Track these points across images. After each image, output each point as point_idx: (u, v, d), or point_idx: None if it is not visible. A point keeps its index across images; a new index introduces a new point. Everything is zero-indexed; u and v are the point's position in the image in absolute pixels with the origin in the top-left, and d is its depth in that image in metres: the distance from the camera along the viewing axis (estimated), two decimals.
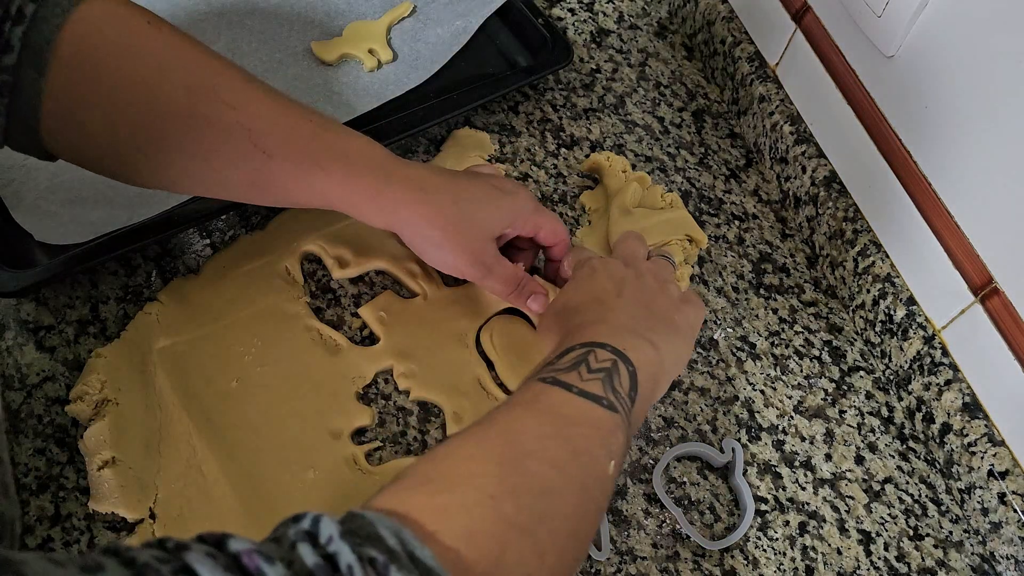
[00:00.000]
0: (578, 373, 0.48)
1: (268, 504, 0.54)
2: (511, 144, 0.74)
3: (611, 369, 0.49)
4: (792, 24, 0.74)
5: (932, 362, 0.64)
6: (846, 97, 0.70)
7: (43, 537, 0.52)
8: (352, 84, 0.71)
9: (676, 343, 0.55)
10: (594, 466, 0.46)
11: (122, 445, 0.54)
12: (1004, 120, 0.57)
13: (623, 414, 0.48)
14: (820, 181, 0.72)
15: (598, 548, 0.57)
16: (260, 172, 0.53)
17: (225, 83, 0.52)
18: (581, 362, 0.49)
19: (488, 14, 0.76)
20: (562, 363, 0.49)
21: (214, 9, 0.72)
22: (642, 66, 0.82)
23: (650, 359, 0.51)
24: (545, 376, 0.49)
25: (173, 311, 0.60)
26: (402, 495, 0.40)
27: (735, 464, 0.61)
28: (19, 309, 0.59)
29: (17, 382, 0.56)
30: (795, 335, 0.69)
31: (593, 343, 0.50)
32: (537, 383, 0.48)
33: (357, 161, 0.54)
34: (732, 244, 0.73)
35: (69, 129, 0.50)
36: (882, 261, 0.68)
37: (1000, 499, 0.60)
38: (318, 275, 0.65)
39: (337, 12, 0.75)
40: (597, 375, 0.48)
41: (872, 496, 0.63)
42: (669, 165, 0.76)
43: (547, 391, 0.47)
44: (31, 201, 0.60)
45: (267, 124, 0.52)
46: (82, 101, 0.49)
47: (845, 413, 0.66)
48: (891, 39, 0.63)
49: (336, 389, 0.59)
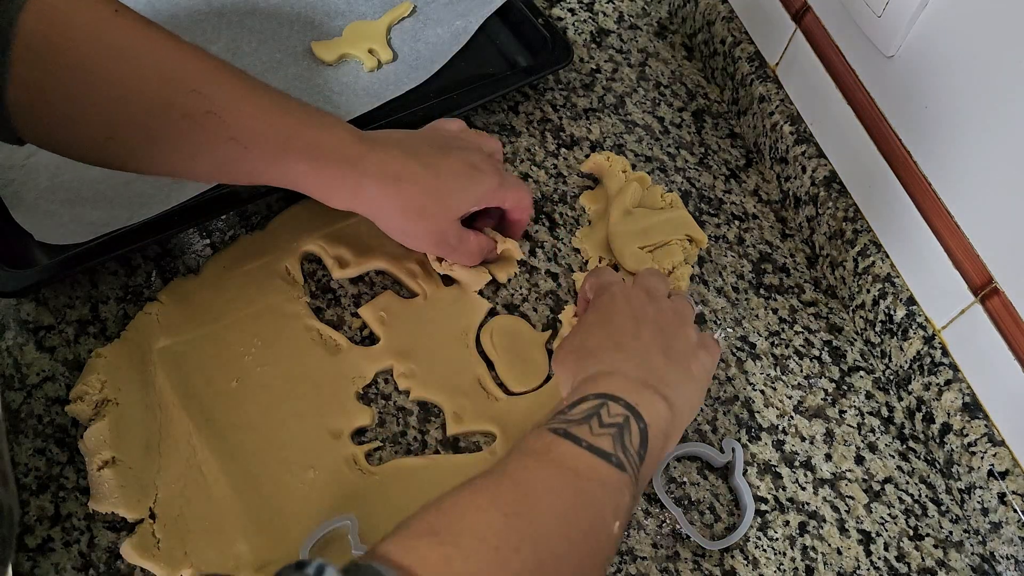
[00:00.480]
0: (589, 426, 0.48)
1: (268, 504, 0.54)
2: (511, 144, 0.74)
3: (623, 425, 0.48)
4: (792, 24, 0.74)
5: (932, 362, 0.64)
6: (846, 97, 0.70)
7: (43, 537, 0.52)
8: (352, 84, 0.71)
9: (690, 392, 0.55)
10: (600, 523, 0.46)
11: (122, 445, 0.54)
12: (1004, 120, 0.57)
13: (631, 473, 0.48)
14: (820, 181, 0.72)
15: None
16: (230, 158, 0.53)
17: (195, 68, 0.52)
18: (593, 415, 0.49)
19: (488, 14, 0.76)
20: (574, 413, 0.49)
21: (214, 9, 0.72)
22: (642, 66, 0.82)
23: (663, 415, 0.51)
24: (557, 427, 0.48)
25: (173, 311, 0.60)
26: (407, 544, 0.40)
27: (735, 464, 0.61)
28: (19, 309, 0.59)
29: (17, 382, 0.56)
30: (795, 335, 0.69)
31: (607, 395, 0.50)
32: (548, 433, 0.48)
33: (329, 150, 0.55)
34: (732, 244, 0.73)
35: (37, 112, 0.50)
36: (882, 261, 0.68)
37: (1000, 499, 0.60)
38: (318, 275, 0.65)
39: (337, 12, 0.75)
40: (608, 431, 0.48)
41: (872, 496, 0.63)
42: (669, 165, 0.76)
43: (557, 443, 0.47)
44: (31, 201, 0.60)
45: (238, 111, 0.52)
46: (49, 84, 0.48)
47: (845, 413, 0.66)
48: (891, 39, 0.63)
49: (336, 389, 0.59)
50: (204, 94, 0.51)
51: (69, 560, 0.51)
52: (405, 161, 0.57)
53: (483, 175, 0.61)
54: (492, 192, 0.61)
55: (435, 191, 0.58)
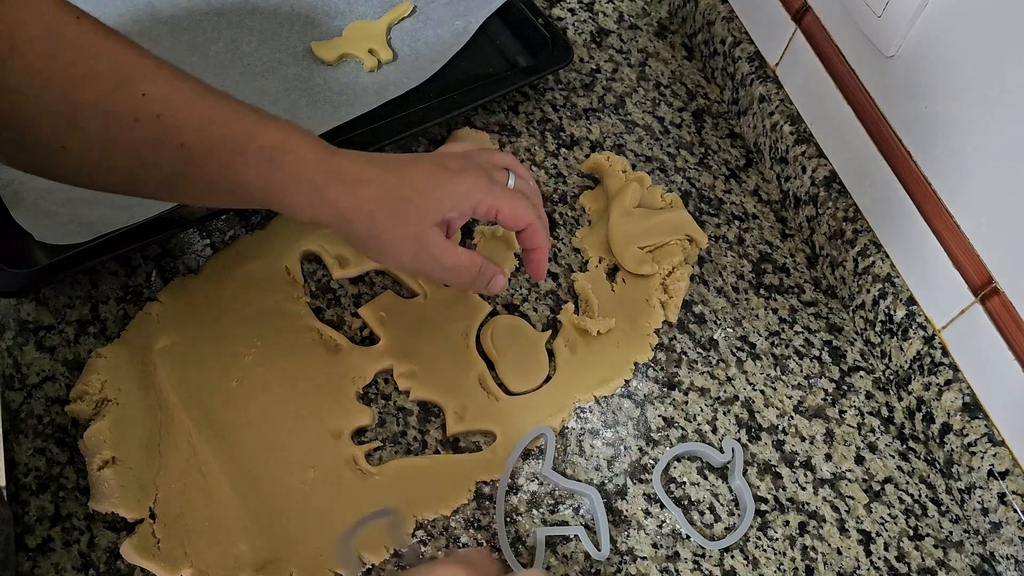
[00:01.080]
0: None
1: (268, 504, 0.54)
2: (511, 144, 0.74)
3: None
4: (792, 24, 0.74)
5: (932, 362, 0.64)
6: (846, 97, 0.70)
7: (43, 537, 0.52)
8: (352, 84, 0.71)
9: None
10: None
11: (122, 445, 0.54)
12: (1004, 120, 0.57)
13: None
14: (820, 181, 0.72)
15: (598, 548, 0.57)
16: (182, 167, 0.50)
17: (150, 72, 0.50)
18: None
19: (488, 14, 0.76)
20: None
21: (214, 9, 0.72)
22: (642, 66, 0.82)
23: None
24: None
25: (173, 311, 0.60)
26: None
27: (735, 464, 0.61)
28: (19, 309, 0.59)
29: (17, 382, 0.56)
30: (795, 335, 0.69)
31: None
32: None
33: (286, 155, 0.51)
34: (732, 244, 0.73)
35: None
36: (882, 261, 0.68)
37: (1000, 499, 0.60)
38: (318, 275, 0.65)
39: (337, 12, 0.75)
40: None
41: (872, 496, 0.63)
42: (669, 165, 0.76)
43: None
44: (31, 201, 0.60)
45: (190, 114, 0.50)
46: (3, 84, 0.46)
47: (845, 413, 0.66)
48: (891, 39, 0.63)
49: (336, 389, 0.59)
50: (155, 97, 0.49)
51: (69, 560, 0.51)
52: (367, 165, 0.53)
53: (463, 176, 0.54)
54: (476, 196, 0.54)
55: (406, 192, 0.53)
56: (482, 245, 0.68)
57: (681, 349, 0.67)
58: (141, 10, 0.71)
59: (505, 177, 0.57)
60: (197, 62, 0.69)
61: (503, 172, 0.57)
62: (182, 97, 0.50)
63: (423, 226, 0.53)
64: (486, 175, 0.55)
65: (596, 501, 0.58)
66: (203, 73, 0.68)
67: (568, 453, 0.60)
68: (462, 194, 0.54)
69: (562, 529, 0.57)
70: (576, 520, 0.58)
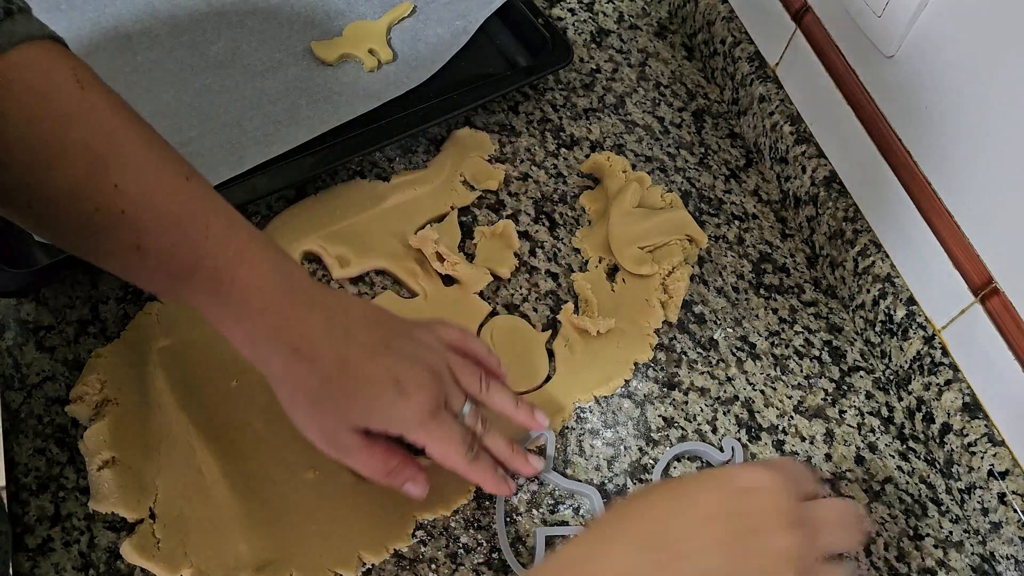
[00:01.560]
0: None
1: (268, 504, 0.54)
2: (511, 144, 0.74)
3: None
4: (792, 24, 0.74)
5: (932, 362, 0.64)
6: (846, 97, 0.70)
7: (43, 537, 0.52)
8: (352, 84, 0.71)
9: None
10: None
11: (122, 445, 0.54)
12: (1004, 120, 0.57)
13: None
14: (820, 181, 0.72)
15: None
16: (133, 266, 0.49)
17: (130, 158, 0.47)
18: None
19: (488, 14, 0.76)
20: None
21: (214, 9, 0.72)
22: (642, 66, 0.82)
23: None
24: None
25: (173, 311, 0.60)
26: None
27: (735, 463, 0.61)
28: (19, 309, 0.59)
29: (17, 382, 0.56)
30: (795, 335, 0.69)
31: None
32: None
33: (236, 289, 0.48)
34: (732, 244, 0.73)
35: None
36: (882, 261, 0.68)
37: (1000, 499, 0.60)
38: (318, 275, 0.65)
39: (337, 12, 0.75)
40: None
41: (872, 496, 0.63)
42: (669, 165, 0.76)
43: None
44: None
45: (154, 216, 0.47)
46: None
47: (845, 413, 0.66)
48: (891, 39, 0.63)
49: None
50: (123, 191, 0.46)
51: (69, 560, 0.51)
52: (315, 335, 0.49)
53: (407, 400, 0.50)
54: (408, 423, 0.50)
55: (339, 388, 0.49)
56: (482, 244, 0.68)
57: (681, 349, 0.67)
58: (141, 10, 0.71)
59: (460, 405, 0.53)
60: (197, 62, 0.69)
61: (460, 399, 0.53)
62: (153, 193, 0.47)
63: (340, 426, 0.50)
64: (434, 404, 0.51)
65: (596, 501, 0.58)
66: (203, 73, 0.69)
67: (568, 453, 0.60)
68: (394, 418, 0.50)
69: (562, 529, 0.57)
70: (576, 520, 0.58)
